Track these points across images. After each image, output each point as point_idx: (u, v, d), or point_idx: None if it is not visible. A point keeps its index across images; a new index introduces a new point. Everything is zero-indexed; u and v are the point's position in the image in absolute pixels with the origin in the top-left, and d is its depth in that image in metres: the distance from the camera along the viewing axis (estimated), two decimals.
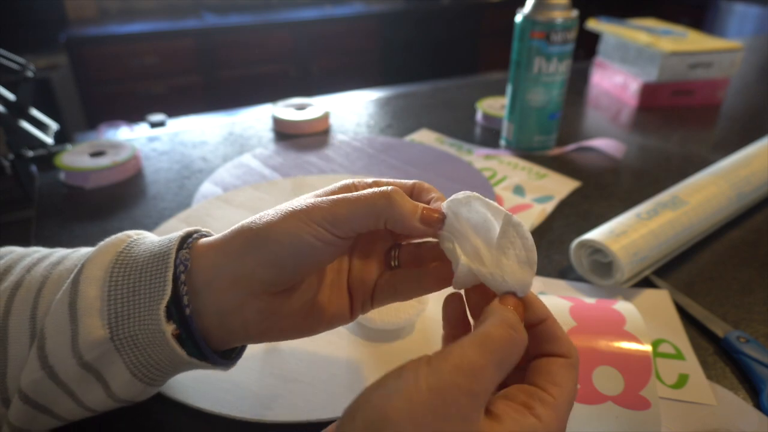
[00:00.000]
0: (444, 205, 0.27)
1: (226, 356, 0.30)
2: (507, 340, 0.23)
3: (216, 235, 0.29)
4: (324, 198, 0.27)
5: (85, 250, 0.31)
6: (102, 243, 0.29)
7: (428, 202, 0.29)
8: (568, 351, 0.25)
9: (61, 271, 0.29)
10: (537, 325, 0.25)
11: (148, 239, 0.30)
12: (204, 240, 0.29)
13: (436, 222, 0.27)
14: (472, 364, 0.21)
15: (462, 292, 0.28)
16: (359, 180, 0.30)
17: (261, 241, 0.26)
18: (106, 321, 0.26)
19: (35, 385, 0.27)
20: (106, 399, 0.28)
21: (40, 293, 0.29)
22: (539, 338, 0.25)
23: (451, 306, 0.28)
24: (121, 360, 0.27)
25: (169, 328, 0.27)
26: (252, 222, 0.27)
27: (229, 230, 0.28)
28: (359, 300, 0.30)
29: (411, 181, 0.30)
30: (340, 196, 0.27)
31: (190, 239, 0.29)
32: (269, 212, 0.27)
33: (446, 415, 0.20)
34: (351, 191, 0.29)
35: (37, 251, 0.32)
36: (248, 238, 0.27)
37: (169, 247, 0.28)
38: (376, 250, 0.31)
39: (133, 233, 0.30)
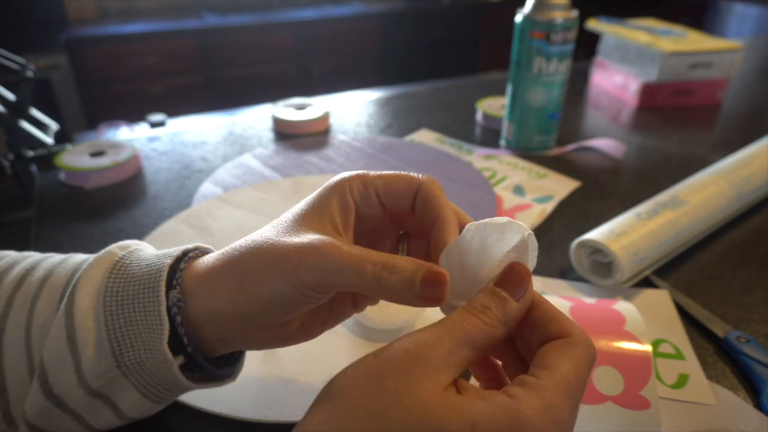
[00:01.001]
0: (472, 226, 0.25)
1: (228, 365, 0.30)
2: (476, 323, 0.22)
3: (205, 265, 0.27)
4: (312, 248, 0.24)
5: (73, 261, 0.30)
6: (88, 264, 0.28)
7: (433, 223, 0.26)
8: (567, 330, 0.23)
9: (51, 291, 0.28)
10: (530, 313, 0.24)
11: (134, 257, 0.28)
12: (194, 271, 0.27)
13: (439, 298, 0.24)
14: (426, 336, 0.21)
15: None
16: (355, 176, 0.27)
17: (251, 294, 0.25)
18: (109, 350, 0.26)
19: (42, 414, 0.27)
20: (115, 420, 0.28)
21: (32, 313, 0.28)
22: (535, 324, 0.24)
23: None
24: (130, 383, 0.27)
25: (177, 361, 0.26)
26: (241, 259, 0.26)
27: (218, 262, 0.27)
28: (363, 299, 0.30)
29: (419, 178, 0.27)
30: (330, 250, 0.24)
31: (178, 271, 0.27)
32: (258, 248, 0.25)
33: (389, 373, 0.20)
34: (345, 197, 0.27)
35: (28, 256, 0.31)
36: (237, 287, 0.25)
37: (158, 280, 0.26)
38: (384, 245, 0.30)
39: (117, 249, 0.29)
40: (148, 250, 0.29)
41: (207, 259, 0.27)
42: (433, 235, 0.26)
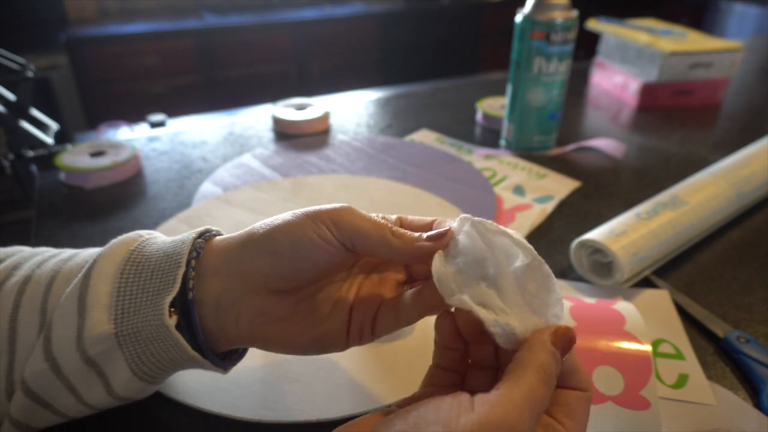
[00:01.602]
0: (468, 224, 0.27)
1: (223, 358, 0.30)
2: (547, 394, 0.23)
3: (230, 235, 0.30)
4: (336, 205, 0.28)
5: (94, 249, 0.32)
6: (114, 240, 0.30)
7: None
8: (587, 385, 0.25)
9: (71, 266, 0.30)
10: None
11: (159, 239, 0.30)
12: (219, 237, 0.30)
13: (443, 243, 0.27)
14: (518, 418, 0.21)
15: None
16: (383, 216, 0.30)
17: (266, 234, 0.27)
18: (113, 316, 0.27)
19: (38, 377, 0.27)
20: (106, 396, 0.29)
21: (50, 288, 0.29)
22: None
23: (442, 326, 0.28)
24: (123, 357, 0.27)
25: (172, 322, 0.27)
26: (265, 221, 0.28)
27: (243, 231, 0.29)
28: (358, 324, 0.29)
29: (431, 219, 0.30)
30: (353, 208, 0.28)
31: (208, 234, 0.30)
32: (284, 214, 0.28)
33: None
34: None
35: (46, 250, 0.33)
36: (256, 233, 0.28)
37: (182, 248, 0.28)
38: (390, 281, 0.31)
39: (145, 233, 0.31)
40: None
41: (232, 233, 0.30)
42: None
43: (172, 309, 0.27)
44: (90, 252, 0.31)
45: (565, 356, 0.24)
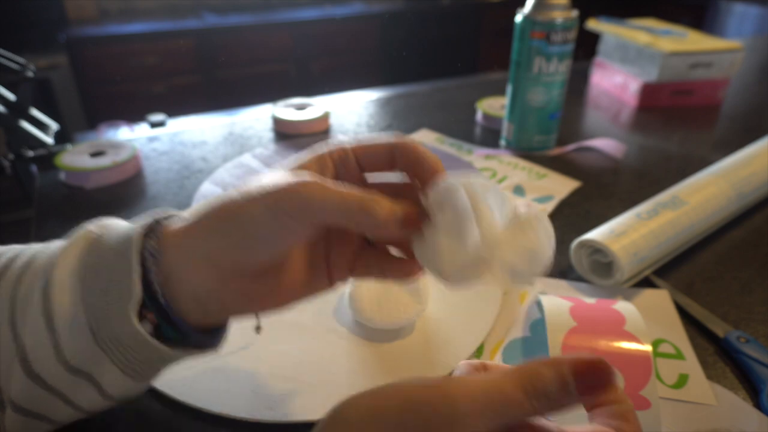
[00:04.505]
0: (459, 182, 0.26)
1: (208, 334, 0.30)
2: (520, 401, 0.20)
3: (184, 218, 0.27)
4: (296, 181, 0.25)
5: (54, 246, 0.29)
6: (65, 244, 0.28)
7: (425, 177, 0.28)
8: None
9: (32, 274, 0.28)
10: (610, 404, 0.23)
11: (111, 233, 0.28)
12: (172, 226, 0.27)
13: (416, 224, 0.26)
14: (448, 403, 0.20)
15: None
16: (334, 145, 0.29)
17: (227, 227, 0.25)
18: (86, 326, 0.26)
19: (25, 394, 0.27)
20: (101, 399, 0.28)
21: (15, 297, 0.27)
22: (609, 414, 0.23)
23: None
24: (110, 360, 0.26)
25: (146, 328, 0.26)
26: (221, 202, 0.26)
27: (197, 211, 0.27)
28: (338, 273, 0.30)
29: (396, 138, 0.28)
30: (315, 182, 0.25)
31: (159, 225, 0.28)
32: (238, 191, 0.26)
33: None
34: (325, 163, 0.28)
35: (8, 250, 0.31)
36: (215, 222, 0.26)
37: (128, 248, 0.26)
38: (351, 245, 0.31)
39: (94, 227, 0.29)
40: (123, 223, 0.29)
41: (185, 217, 0.27)
42: (420, 174, 0.28)
43: (145, 311, 0.26)
44: (48, 253, 0.29)
45: (589, 392, 0.20)
